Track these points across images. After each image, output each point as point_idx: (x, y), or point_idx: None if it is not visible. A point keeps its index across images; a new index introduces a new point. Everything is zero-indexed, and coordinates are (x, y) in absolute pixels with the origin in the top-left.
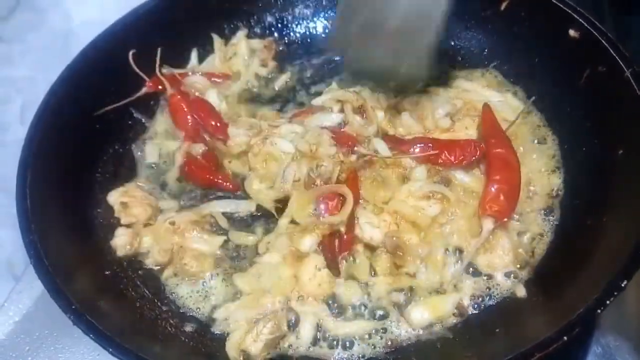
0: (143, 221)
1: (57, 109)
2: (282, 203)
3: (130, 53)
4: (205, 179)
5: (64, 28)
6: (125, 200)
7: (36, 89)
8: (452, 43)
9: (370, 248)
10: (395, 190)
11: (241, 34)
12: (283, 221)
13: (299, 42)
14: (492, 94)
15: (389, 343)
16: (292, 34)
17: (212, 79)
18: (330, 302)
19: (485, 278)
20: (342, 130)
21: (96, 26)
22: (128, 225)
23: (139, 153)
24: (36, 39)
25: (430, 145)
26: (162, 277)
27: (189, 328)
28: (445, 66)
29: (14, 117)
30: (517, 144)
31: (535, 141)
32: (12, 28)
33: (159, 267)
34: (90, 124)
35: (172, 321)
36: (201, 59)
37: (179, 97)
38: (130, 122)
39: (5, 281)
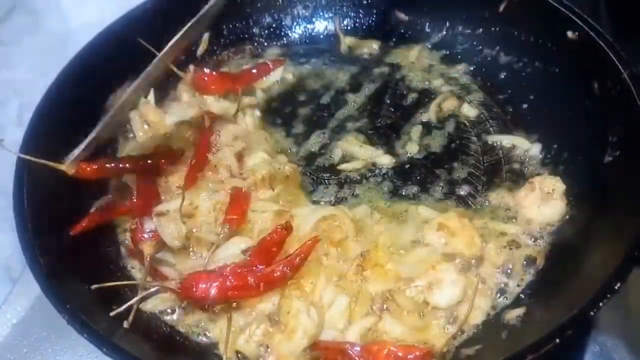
0: None
1: (54, 111)
2: None
3: None
4: None
5: (62, 30)
6: None
7: (33, 91)
8: (449, 43)
9: None
10: None
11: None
12: None
13: (298, 42)
14: None
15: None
16: (290, 34)
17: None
18: None
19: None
20: None
21: (94, 28)
22: None
23: None
24: (33, 41)
25: None
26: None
27: (183, 328)
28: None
29: (11, 119)
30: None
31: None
32: (9, 30)
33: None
34: (87, 126)
35: (167, 321)
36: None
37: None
38: (128, 122)
39: (3, 284)
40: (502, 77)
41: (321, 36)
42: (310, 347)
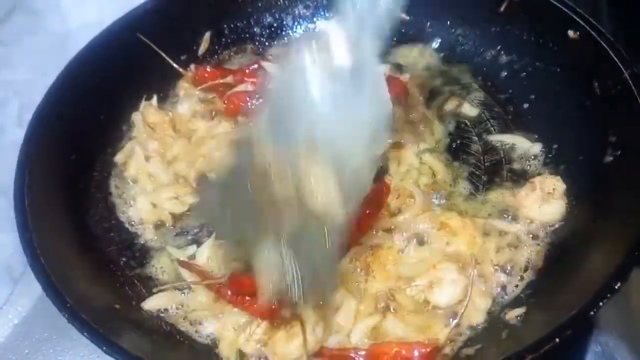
0: None
1: (54, 111)
2: None
3: None
4: None
5: (62, 31)
6: None
7: (34, 92)
8: (450, 43)
9: None
10: None
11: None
12: None
13: None
14: None
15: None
16: (291, 34)
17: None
18: None
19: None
20: None
21: (94, 29)
22: None
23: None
24: (33, 41)
25: None
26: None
27: (183, 327)
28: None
29: (12, 119)
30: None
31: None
32: (9, 31)
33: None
34: (87, 125)
35: (167, 319)
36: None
37: None
38: (127, 123)
39: (4, 284)
40: (503, 76)
41: None
42: (315, 354)
